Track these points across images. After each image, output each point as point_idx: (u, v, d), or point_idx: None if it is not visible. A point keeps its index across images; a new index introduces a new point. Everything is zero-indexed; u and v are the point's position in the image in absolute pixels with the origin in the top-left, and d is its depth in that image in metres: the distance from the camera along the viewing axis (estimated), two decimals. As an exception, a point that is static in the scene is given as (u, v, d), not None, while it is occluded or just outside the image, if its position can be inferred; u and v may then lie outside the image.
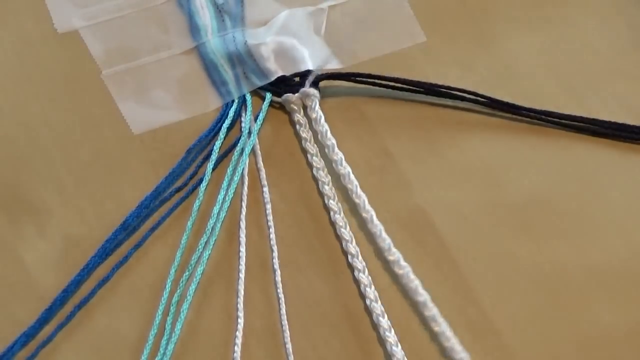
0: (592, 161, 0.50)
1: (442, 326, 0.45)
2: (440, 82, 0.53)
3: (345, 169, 0.50)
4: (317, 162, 0.51)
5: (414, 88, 0.52)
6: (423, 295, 0.46)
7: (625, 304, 0.47)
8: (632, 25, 0.56)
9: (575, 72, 0.54)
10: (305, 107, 0.53)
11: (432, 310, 0.46)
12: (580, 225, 0.49)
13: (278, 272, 0.48)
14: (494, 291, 0.47)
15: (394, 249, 0.47)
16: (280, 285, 0.47)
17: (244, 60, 0.54)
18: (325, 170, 0.50)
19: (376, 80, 0.52)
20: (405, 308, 0.47)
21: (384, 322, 0.46)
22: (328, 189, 0.50)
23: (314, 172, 0.50)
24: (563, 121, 0.52)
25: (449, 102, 0.53)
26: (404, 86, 0.52)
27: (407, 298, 0.47)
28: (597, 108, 0.52)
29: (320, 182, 0.50)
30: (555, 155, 0.51)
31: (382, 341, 0.46)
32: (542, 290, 0.47)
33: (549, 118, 0.52)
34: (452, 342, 0.45)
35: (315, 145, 0.51)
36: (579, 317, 0.47)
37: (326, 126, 0.51)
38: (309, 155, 0.51)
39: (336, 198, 0.50)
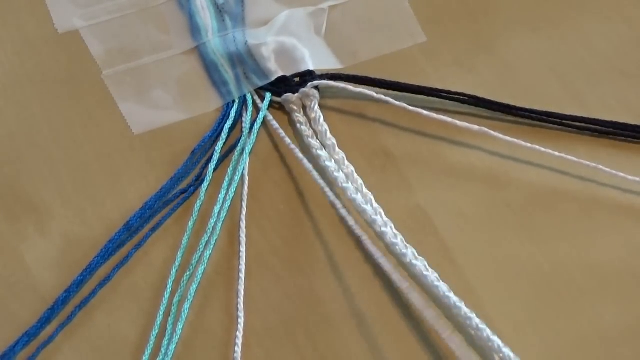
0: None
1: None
2: (440, 82, 0.53)
3: (348, 167, 0.50)
4: (324, 155, 0.50)
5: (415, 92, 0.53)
6: (441, 287, 0.46)
7: (625, 303, 0.47)
8: (632, 25, 0.56)
9: (575, 72, 0.54)
10: (305, 107, 0.53)
11: (452, 299, 0.46)
12: (580, 225, 0.49)
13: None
14: (494, 291, 0.47)
15: (406, 244, 0.47)
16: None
17: (245, 60, 0.54)
18: (333, 160, 0.50)
19: (376, 84, 0.52)
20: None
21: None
22: (342, 177, 0.49)
23: (322, 162, 0.50)
24: (563, 122, 0.52)
25: (449, 103, 0.53)
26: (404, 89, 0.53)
27: (423, 291, 0.47)
28: (597, 108, 0.53)
29: (330, 170, 0.49)
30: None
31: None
32: (542, 290, 0.47)
33: (549, 119, 0.52)
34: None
35: (319, 141, 0.51)
36: (579, 316, 0.47)
37: (325, 126, 0.51)
38: (313, 150, 0.51)
39: (351, 190, 0.49)
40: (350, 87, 0.52)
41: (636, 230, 0.49)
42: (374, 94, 0.51)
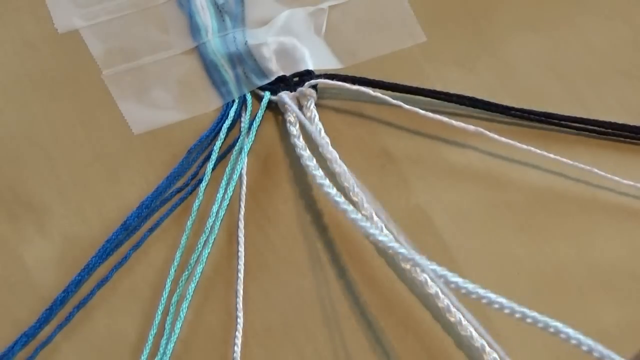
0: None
1: (457, 316, 0.45)
2: (440, 83, 0.53)
3: (341, 167, 0.49)
4: (307, 155, 0.50)
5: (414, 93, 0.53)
6: (434, 287, 0.46)
7: (625, 303, 0.47)
8: (632, 25, 0.56)
9: (575, 73, 0.54)
10: (301, 107, 0.52)
11: (444, 301, 0.46)
12: (580, 226, 0.49)
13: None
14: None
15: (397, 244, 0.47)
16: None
17: (245, 60, 0.54)
18: (314, 160, 0.50)
19: (374, 85, 0.52)
20: (413, 304, 0.47)
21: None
22: (327, 183, 0.49)
23: (302, 161, 0.50)
24: (562, 122, 0.52)
25: (448, 104, 0.52)
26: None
27: (414, 293, 0.47)
28: (597, 108, 0.52)
29: (313, 174, 0.49)
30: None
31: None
32: (542, 290, 0.47)
33: (548, 120, 0.52)
34: (469, 330, 0.45)
35: (303, 141, 0.51)
36: (579, 317, 0.47)
37: (320, 125, 0.51)
38: (297, 149, 0.50)
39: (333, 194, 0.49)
40: (347, 85, 0.52)
41: (636, 231, 0.49)
42: (371, 91, 0.51)
